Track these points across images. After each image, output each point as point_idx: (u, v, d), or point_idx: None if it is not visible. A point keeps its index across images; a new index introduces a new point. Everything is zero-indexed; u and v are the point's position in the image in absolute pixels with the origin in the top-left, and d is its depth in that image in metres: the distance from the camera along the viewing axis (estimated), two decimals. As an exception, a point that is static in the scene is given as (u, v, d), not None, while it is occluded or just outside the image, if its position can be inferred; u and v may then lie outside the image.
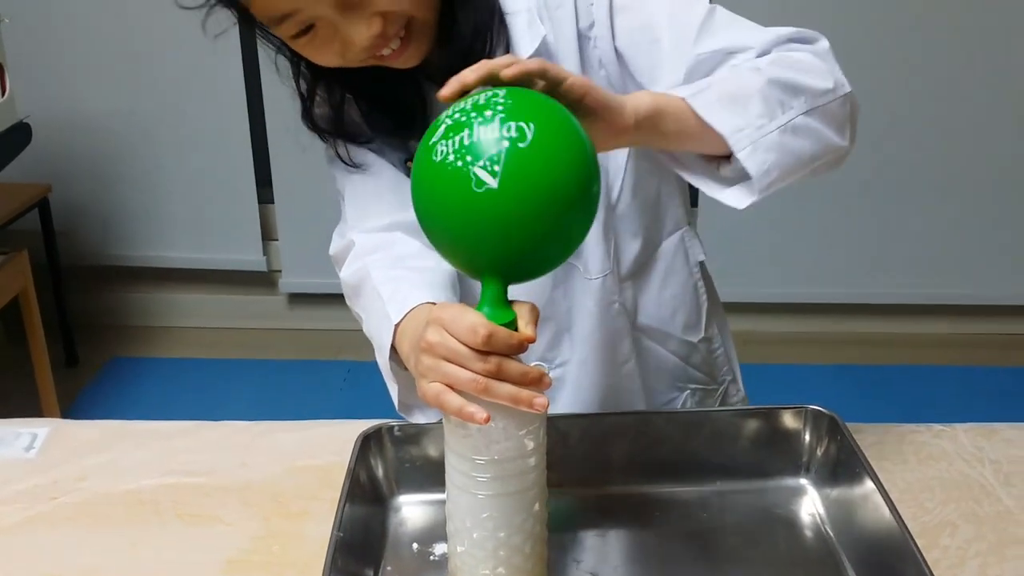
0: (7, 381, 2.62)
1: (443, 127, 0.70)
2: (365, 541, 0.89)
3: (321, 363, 2.89)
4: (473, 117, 0.69)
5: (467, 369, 0.71)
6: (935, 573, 0.78)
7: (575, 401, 1.09)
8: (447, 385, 0.73)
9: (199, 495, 0.98)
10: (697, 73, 0.89)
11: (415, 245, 0.98)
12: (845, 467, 0.93)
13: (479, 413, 0.71)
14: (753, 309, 2.91)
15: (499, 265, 0.72)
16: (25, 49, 2.64)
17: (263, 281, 3.06)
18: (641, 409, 1.10)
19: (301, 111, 1.00)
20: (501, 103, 0.69)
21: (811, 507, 0.95)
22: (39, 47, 2.73)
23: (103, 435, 1.09)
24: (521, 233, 0.69)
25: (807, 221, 2.81)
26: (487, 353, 0.71)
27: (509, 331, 0.72)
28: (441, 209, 0.71)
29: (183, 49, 2.62)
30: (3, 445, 1.07)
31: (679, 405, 1.14)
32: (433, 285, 0.92)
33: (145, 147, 2.86)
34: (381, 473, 0.96)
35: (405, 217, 0.99)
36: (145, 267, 3.03)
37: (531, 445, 0.76)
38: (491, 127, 0.68)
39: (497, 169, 0.67)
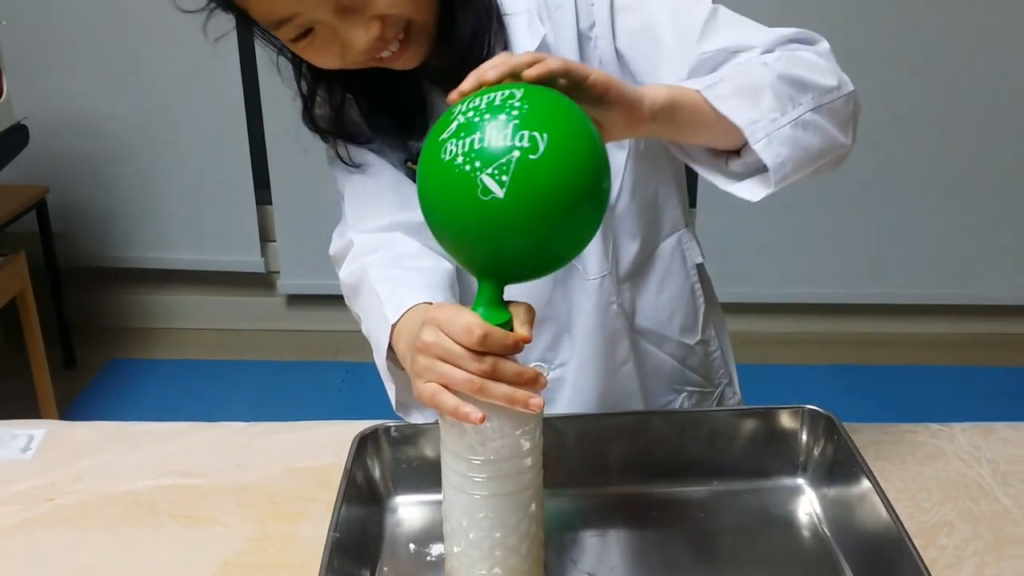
0: (5, 383, 2.62)
1: (455, 124, 0.69)
2: (362, 542, 0.89)
3: (319, 364, 2.88)
4: (487, 120, 0.67)
5: (462, 369, 0.71)
6: (932, 573, 0.77)
7: (574, 402, 1.09)
8: (443, 385, 0.73)
9: (195, 496, 0.98)
10: (700, 72, 0.89)
11: (414, 245, 0.98)
12: (842, 467, 0.93)
13: (474, 413, 0.71)
14: (751, 309, 2.91)
15: (497, 269, 0.72)
16: (22, 50, 2.64)
17: (261, 282, 3.06)
18: (638, 409, 1.10)
19: (302, 111, 1.00)
20: (517, 107, 0.67)
21: (808, 507, 0.95)
22: (37, 48, 2.73)
23: (99, 436, 1.09)
24: (522, 243, 0.69)
25: (805, 221, 2.81)
26: (482, 353, 0.71)
27: (504, 331, 0.72)
28: (444, 208, 0.70)
29: (181, 50, 2.62)
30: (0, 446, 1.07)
31: (676, 407, 1.14)
32: (431, 285, 0.92)
33: (143, 148, 2.86)
34: (378, 474, 0.96)
35: (404, 217, 0.99)
36: (143, 268, 3.02)
37: (527, 445, 0.76)
38: (503, 134, 0.66)
39: (505, 179, 0.66)
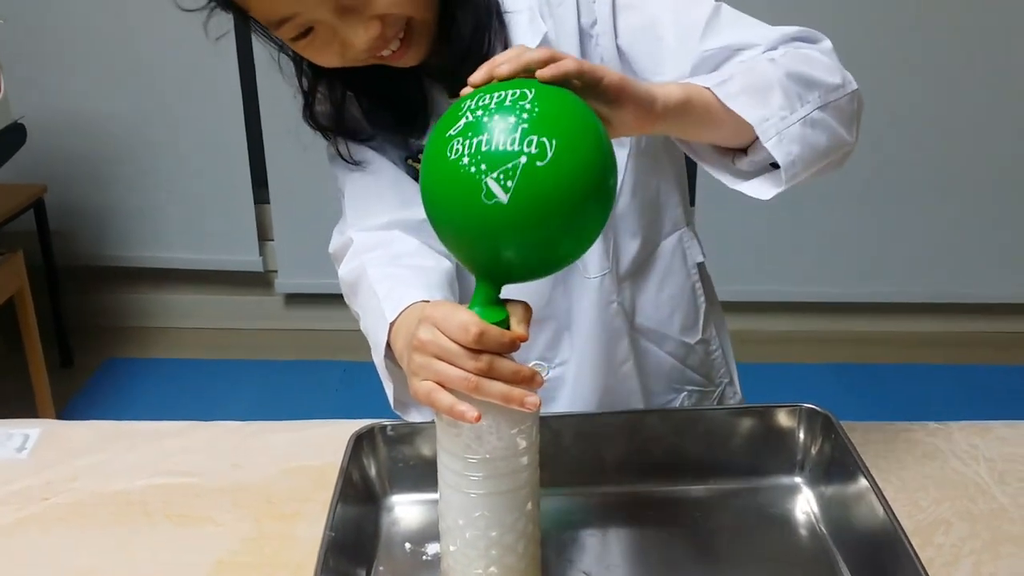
0: (2, 383, 2.62)
1: (463, 121, 0.67)
2: (357, 541, 0.89)
3: (318, 363, 2.88)
4: (495, 121, 0.66)
5: (458, 367, 0.71)
6: (929, 571, 0.77)
7: (573, 401, 1.09)
8: (438, 383, 0.72)
9: (190, 496, 0.98)
10: (702, 69, 0.88)
11: (413, 243, 0.98)
12: (839, 465, 0.93)
13: (470, 412, 0.71)
14: (751, 308, 2.90)
15: (497, 270, 0.72)
16: (20, 49, 2.63)
17: (259, 281, 3.06)
18: (635, 408, 1.10)
19: (303, 108, 0.99)
20: (527, 109, 0.66)
21: (805, 506, 0.95)
22: (34, 47, 2.73)
23: (95, 436, 1.09)
24: (523, 247, 0.69)
25: (805, 221, 2.81)
26: (479, 351, 0.71)
27: (501, 329, 0.71)
28: (445, 207, 0.70)
29: (179, 50, 2.62)
30: (-5, 446, 1.06)
31: (676, 406, 1.14)
32: (429, 283, 0.92)
33: (141, 147, 2.85)
34: (374, 473, 0.96)
35: (404, 215, 0.99)
36: (141, 268, 3.02)
37: (523, 444, 0.75)
38: (511, 138, 0.65)
39: (510, 185, 0.65)
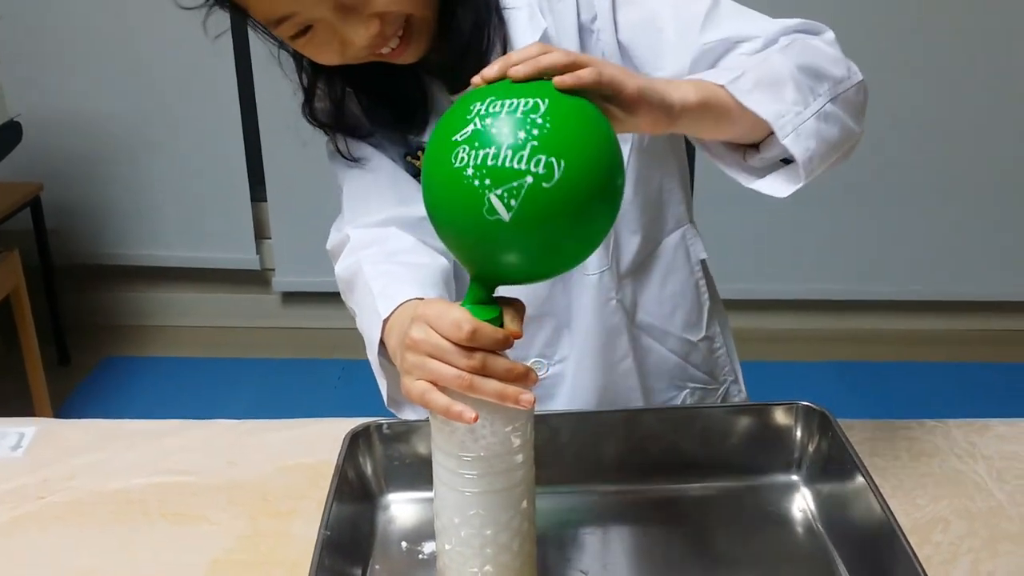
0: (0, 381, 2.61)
1: (471, 128, 0.65)
2: (353, 539, 0.89)
3: (315, 362, 2.88)
4: (504, 135, 0.64)
5: (452, 365, 0.70)
6: (927, 569, 0.77)
7: (573, 398, 1.09)
8: (432, 382, 0.72)
9: (187, 494, 0.98)
10: (702, 62, 0.88)
11: (409, 240, 0.98)
12: (837, 463, 0.92)
13: (467, 412, 0.70)
14: (752, 306, 2.90)
15: (494, 276, 0.71)
16: (16, 47, 2.63)
17: (256, 280, 3.05)
18: (632, 406, 1.10)
19: (302, 105, 0.99)
20: (539, 125, 0.64)
21: (803, 504, 0.94)
22: (30, 45, 2.72)
23: (90, 434, 1.08)
24: (521, 260, 0.68)
25: (806, 220, 2.80)
26: (472, 349, 0.70)
27: (494, 327, 0.71)
28: (446, 213, 0.69)
29: (176, 48, 2.61)
30: (-11, 444, 1.06)
31: (679, 404, 1.13)
32: (424, 281, 0.92)
33: (138, 145, 2.85)
34: (370, 471, 0.96)
35: (401, 212, 0.99)
36: (138, 266, 3.02)
37: (518, 442, 0.75)
38: (519, 155, 0.63)
39: (513, 204, 0.64)
